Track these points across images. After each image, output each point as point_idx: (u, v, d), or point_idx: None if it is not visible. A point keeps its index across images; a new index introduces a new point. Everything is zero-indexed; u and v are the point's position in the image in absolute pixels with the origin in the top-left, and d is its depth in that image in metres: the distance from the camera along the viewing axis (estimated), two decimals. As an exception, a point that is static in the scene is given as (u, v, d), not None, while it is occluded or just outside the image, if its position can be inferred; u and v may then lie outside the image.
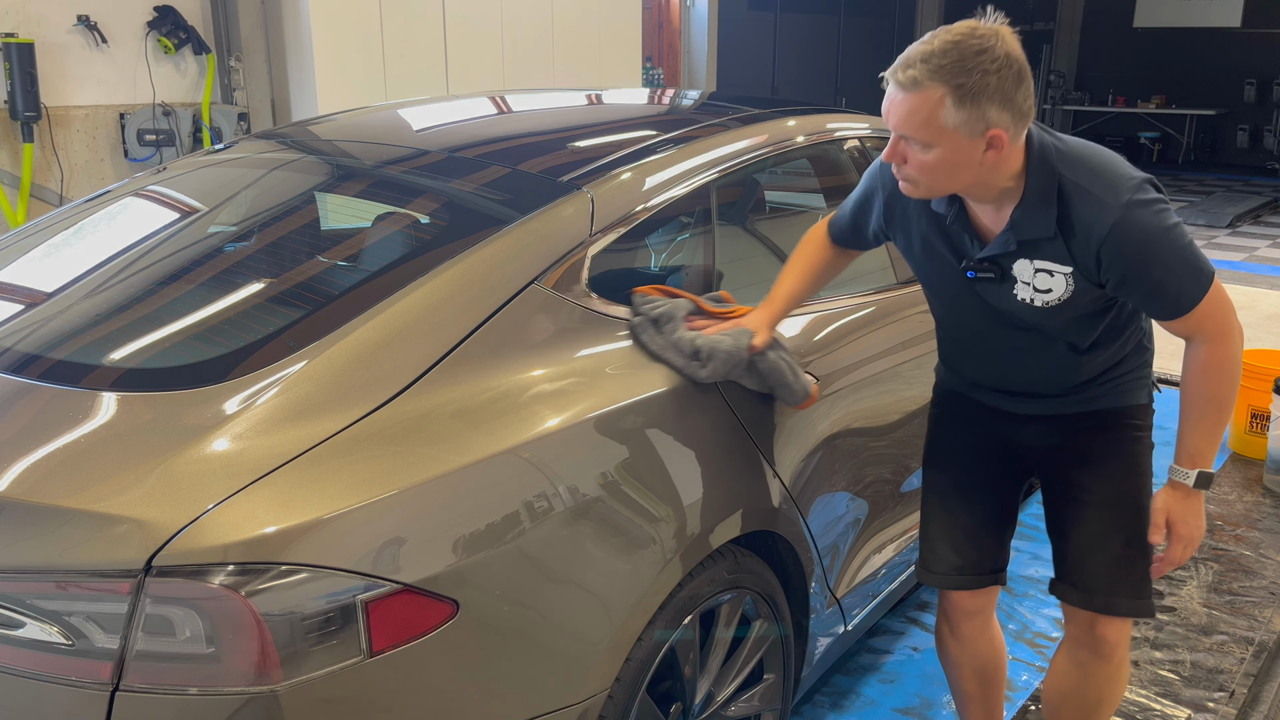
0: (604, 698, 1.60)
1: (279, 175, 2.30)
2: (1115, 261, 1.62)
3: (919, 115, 1.57)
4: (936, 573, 2.03)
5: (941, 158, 1.59)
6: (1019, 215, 1.67)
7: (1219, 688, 2.65)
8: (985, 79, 1.53)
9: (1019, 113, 1.57)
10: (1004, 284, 1.75)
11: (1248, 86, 14.51)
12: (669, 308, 1.86)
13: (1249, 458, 4.15)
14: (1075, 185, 1.64)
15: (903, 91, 1.57)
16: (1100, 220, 1.61)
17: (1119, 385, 1.88)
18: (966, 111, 1.54)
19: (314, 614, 1.29)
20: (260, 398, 1.47)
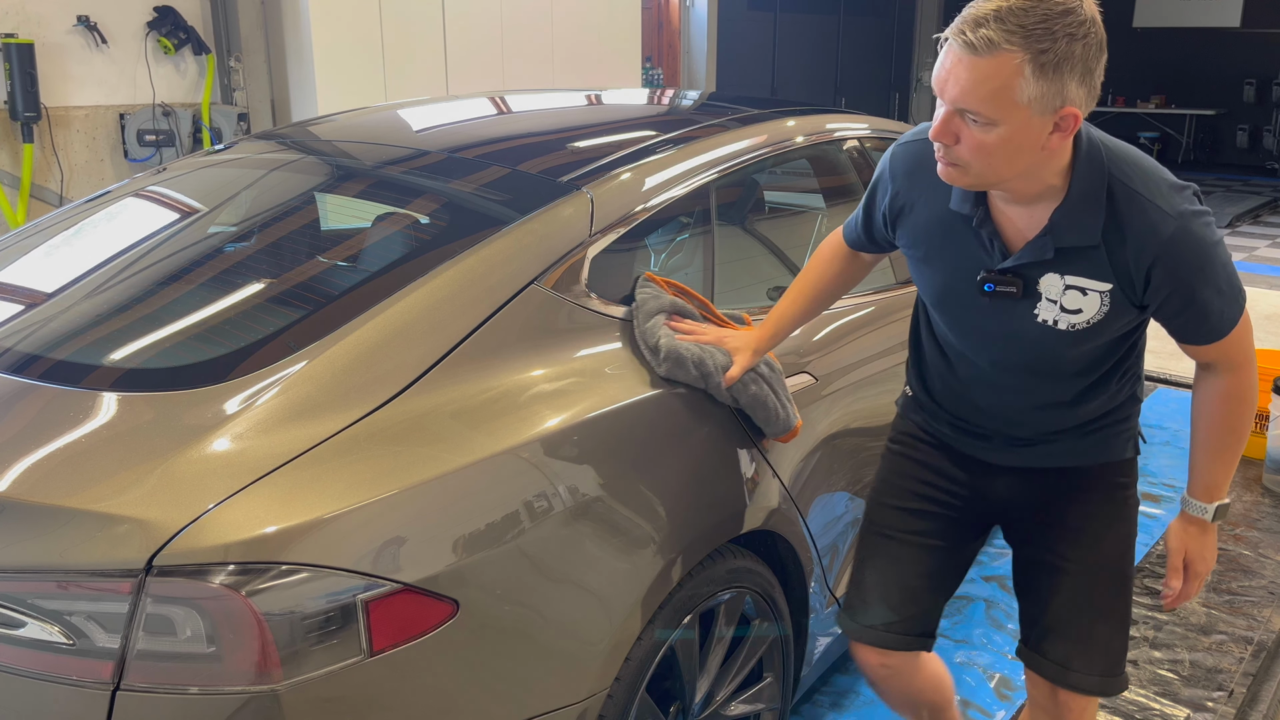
0: (604, 697, 1.60)
1: (279, 176, 2.30)
2: (1167, 279, 1.44)
3: (989, 85, 1.32)
4: (863, 625, 1.80)
5: (1005, 138, 1.36)
6: (1060, 217, 1.45)
7: (1218, 687, 2.65)
8: (1071, 45, 1.31)
9: (1093, 89, 1.37)
10: (1024, 301, 1.52)
11: (1247, 86, 14.51)
12: (655, 302, 1.84)
13: (1248, 457, 4.15)
14: (1126, 188, 1.44)
15: (971, 54, 1.32)
16: (1156, 231, 1.42)
17: (1107, 437, 1.70)
18: (1046, 83, 1.31)
19: (314, 613, 1.29)
20: (260, 398, 1.47)
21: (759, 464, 1.95)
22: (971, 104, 1.35)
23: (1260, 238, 9.33)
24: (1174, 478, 3.97)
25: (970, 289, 1.57)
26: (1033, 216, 1.49)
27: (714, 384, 1.79)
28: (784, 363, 2.08)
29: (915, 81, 14.01)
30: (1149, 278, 1.45)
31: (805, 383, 2.12)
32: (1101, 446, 1.70)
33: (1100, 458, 1.70)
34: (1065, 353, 1.56)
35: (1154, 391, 5.01)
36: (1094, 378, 1.62)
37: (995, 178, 1.43)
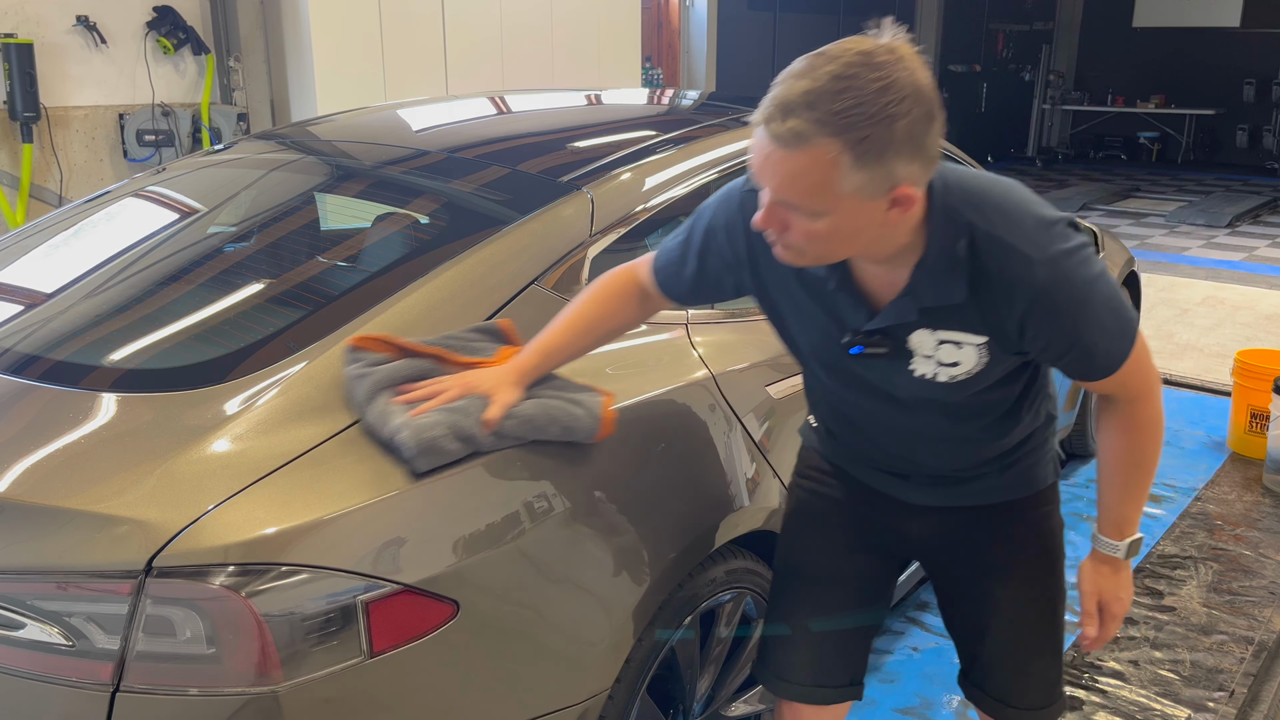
0: (604, 698, 1.60)
1: (278, 176, 2.30)
2: (1044, 328, 1.32)
3: (806, 180, 1.18)
4: (789, 682, 1.70)
5: (835, 226, 1.22)
6: (920, 278, 1.32)
7: (1219, 687, 2.65)
8: (892, 127, 1.15)
9: (929, 159, 1.22)
10: (898, 360, 1.41)
11: (1247, 86, 14.51)
12: (369, 380, 1.47)
13: (1249, 457, 4.16)
14: (989, 235, 1.28)
15: (782, 148, 1.18)
16: (1025, 280, 1.28)
17: (1027, 468, 1.60)
18: (869, 171, 1.17)
19: (314, 614, 1.29)
20: (260, 398, 1.47)
21: (759, 464, 1.95)
22: (791, 198, 1.22)
23: (1260, 238, 9.32)
24: (1174, 478, 3.97)
25: (837, 348, 1.44)
26: (894, 276, 1.35)
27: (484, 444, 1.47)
28: (782, 364, 2.08)
29: (915, 81, 13.98)
30: (1023, 327, 1.32)
31: (806, 383, 2.12)
32: (1023, 479, 1.60)
33: (1022, 491, 1.60)
34: (955, 400, 1.45)
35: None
36: (1000, 412, 1.51)
37: (832, 258, 1.31)
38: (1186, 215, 10.11)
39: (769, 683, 1.74)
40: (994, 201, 1.31)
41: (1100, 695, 2.60)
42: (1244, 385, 4.14)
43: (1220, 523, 3.60)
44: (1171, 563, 3.30)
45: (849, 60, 1.16)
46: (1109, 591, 1.56)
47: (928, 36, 13.79)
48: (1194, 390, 5.03)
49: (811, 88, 1.16)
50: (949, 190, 1.30)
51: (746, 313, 2.13)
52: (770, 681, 1.74)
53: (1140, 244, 8.90)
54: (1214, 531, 3.53)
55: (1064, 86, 15.93)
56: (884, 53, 1.17)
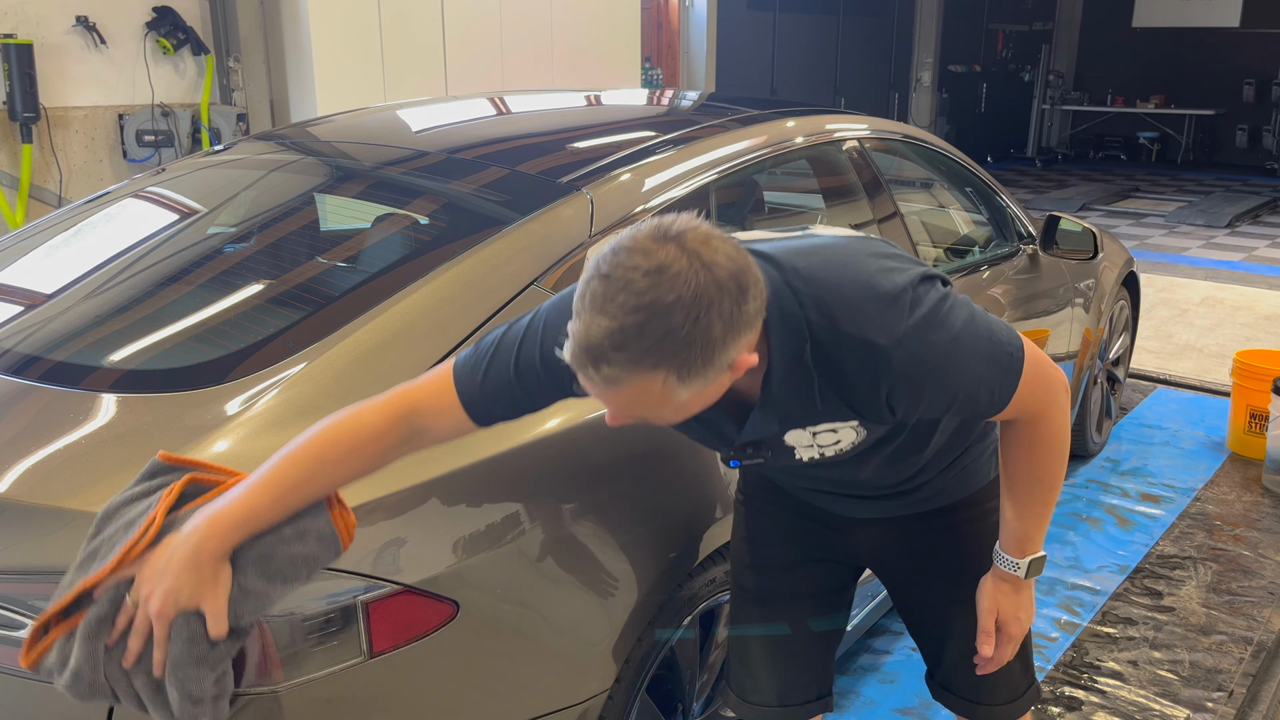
0: (604, 698, 1.60)
1: (278, 176, 2.30)
2: (913, 402, 1.27)
3: (644, 401, 1.12)
4: (755, 704, 1.68)
5: (685, 410, 1.16)
6: (771, 392, 1.26)
7: (1218, 687, 2.65)
8: (709, 334, 1.08)
9: (750, 323, 1.13)
10: (781, 456, 1.37)
11: (1246, 86, 14.52)
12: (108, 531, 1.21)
13: (1248, 458, 4.16)
14: (832, 333, 1.22)
15: (612, 389, 1.11)
16: (878, 367, 1.23)
17: (966, 469, 1.58)
18: (702, 377, 1.11)
19: (314, 615, 1.29)
20: (260, 399, 1.47)
21: (759, 465, 1.95)
22: (638, 414, 1.16)
23: (1259, 238, 9.33)
24: (1174, 478, 3.97)
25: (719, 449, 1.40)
26: (748, 390, 1.28)
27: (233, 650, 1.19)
28: None
29: (915, 82, 14.01)
30: (892, 407, 1.27)
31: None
32: (963, 480, 1.59)
33: (964, 491, 1.59)
34: (862, 459, 1.42)
35: (1153, 391, 5.01)
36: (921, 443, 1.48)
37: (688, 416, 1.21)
38: (1186, 215, 10.11)
39: (734, 705, 1.71)
40: (831, 289, 1.24)
41: (1099, 695, 2.60)
42: (1243, 385, 4.14)
43: (1219, 523, 3.60)
44: (1170, 563, 3.31)
45: (639, 287, 1.06)
46: (1007, 610, 1.51)
47: (928, 36, 13.79)
48: (1193, 390, 5.03)
49: (612, 327, 1.07)
50: (778, 293, 1.22)
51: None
52: (735, 704, 1.71)
53: (1140, 244, 8.90)
54: (1213, 532, 3.53)
55: (1064, 87, 15.94)
56: (668, 256, 1.07)
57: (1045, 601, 3.05)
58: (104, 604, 1.15)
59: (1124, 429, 4.50)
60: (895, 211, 2.74)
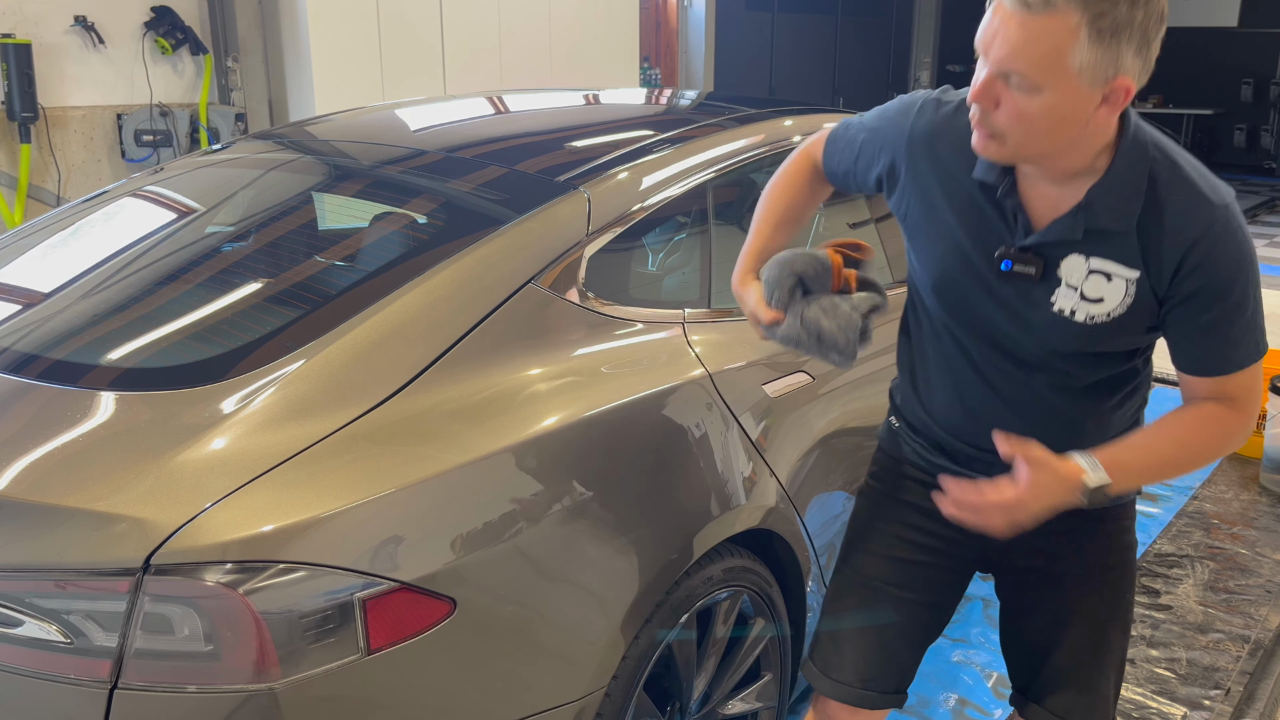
0: (601, 696, 1.61)
1: (276, 175, 2.30)
2: (1199, 269, 1.31)
3: (1040, 46, 1.22)
4: (835, 680, 1.66)
5: (1049, 106, 1.25)
6: (1097, 196, 1.33)
7: (1215, 685, 2.66)
8: (1133, 11, 1.21)
9: (1148, 63, 1.27)
10: (1042, 286, 1.39)
11: (1244, 86, 14.53)
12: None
13: (1246, 456, 4.16)
14: (1171, 172, 1.33)
15: (1025, 12, 1.22)
16: (1199, 215, 1.31)
17: None
18: (1101, 50, 1.21)
19: (312, 612, 1.30)
20: (258, 397, 1.47)
21: (756, 463, 1.95)
22: (1019, 66, 1.24)
23: (1258, 237, 9.34)
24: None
25: (980, 270, 1.43)
26: (1064, 195, 1.36)
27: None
28: (779, 362, 2.08)
29: (913, 81, 14.01)
30: (1180, 264, 1.32)
31: (802, 382, 2.12)
32: None
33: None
34: (1077, 356, 1.42)
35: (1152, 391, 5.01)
36: (1104, 400, 1.49)
37: (1034, 150, 1.31)
38: (1184, 215, 10.11)
39: (813, 677, 1.71)
40: (1179, 149, 1.37)
41: (1097, 693, 2.60)
42: (1241, 384, 4.14)
43: (1217, 521, 3.61)
44: (1168, 561, 3.31)
45: None
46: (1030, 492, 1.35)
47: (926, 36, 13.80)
48: (1191, 389, 5.04)
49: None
50: (1140, 128, 1.36)
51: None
52: (815, 677, 1.70)
53: (1138, 244, 8.91)
54: (1211, 530, 3.54)
55: (1062, 86, 15.92)
56: None
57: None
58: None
59: (1122, 428, 4.50)
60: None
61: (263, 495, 1.34)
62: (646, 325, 1.90)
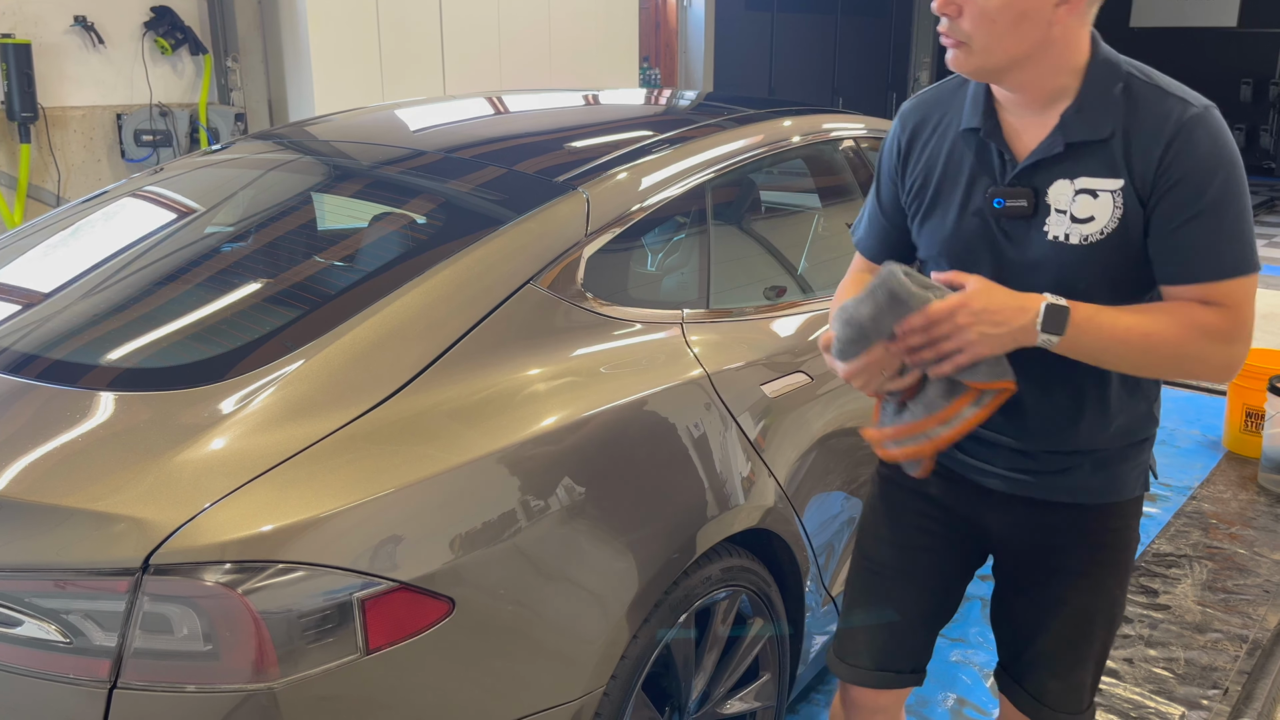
0: (599, 695, 1.61)
1: (276, 176, 2.31)
2: (1175, 165, 1.33)
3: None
4: (851, 665, 1.73)
5: (1007, 3, 1.31)
6: (1072, 112, 1.39)
7: (1213, 685, 2.66)
8: None
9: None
10: (1034, 219, 1.42)
11: (1244, 86, 14.53)
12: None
13: (1244, 456, 4.17)
14: (1145, 83, 1.38)
15: None
16: (1175, 114, 1.34)
17: (1118, 468, 1.54)
18: None
19: (311, 612, 1.30)
20: (257, 397, 1.47)
21: (754, 463, 1.96)
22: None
23: (1258, 237, 9.33)
24: (1170, 477, 3.98)
25: (984, 220, 1.46)
26: (1043, 121, 1.42)
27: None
28: (777, 362, 2.09)
29: (913, 82, 14.01)
30: (1159, 163, 1.34)
31: (801, 382, 2.13)
32: (1113, 483, 1.55)
33: (1110, 496, 1.56)
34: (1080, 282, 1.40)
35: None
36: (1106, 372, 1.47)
37: (1001, 53, 1.35)
38: (1183, 215, 10.11)
39: (833, 665, 1.77)
40: (1155, 71, 1.41)
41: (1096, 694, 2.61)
42: (1240, 384, 4.15)
43: (1215, 521, 3.61)
44: (1166, 561, 3.31)
45: None
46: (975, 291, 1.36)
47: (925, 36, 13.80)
48: (1190, 390, 5.04)
49: None
50: (1111, 52, 1.41)
51: (741, 311, 2.14)
52: (834, 664, 1.76)
53: (1137, 244, 8.91)
54: (1209, 530, 3.54)
55: (1061, 86, 15.94)
56: None
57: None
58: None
59: (1120, 428, 4.51)
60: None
61: (262, 495, 1.34)
62: (645, 325, 1.90)
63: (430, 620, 1.38)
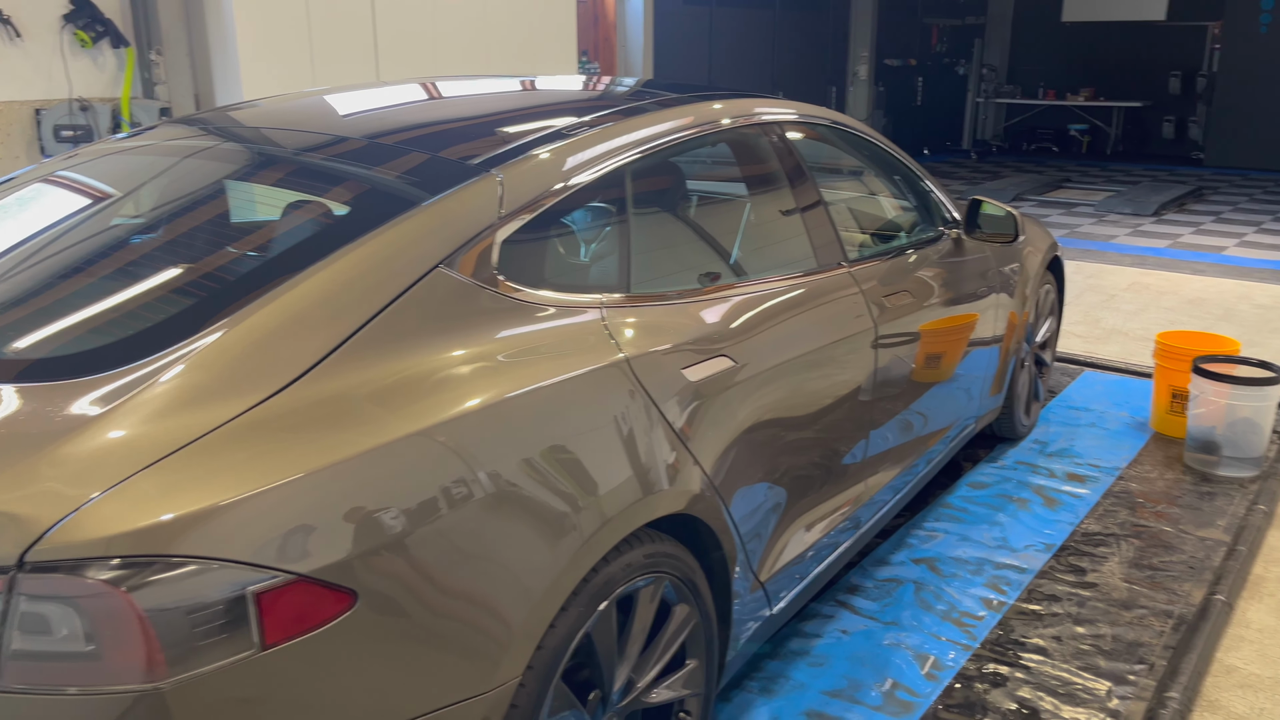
0: (515, 686, 1.57)
1: (190, 162, 2.23)
2: None
3: None
4: None
5: None
6: None
7: (1139, 660, 2.70)
8: None
9: None
10: None
11: (1172, 78, 14.88)
12: None
13: (1170, 436, 4.25)
14: None
15: None
16: None
17: None
18: None
19: (201, 607, 1.24)
20: (149, 386, 1.41)
21: (677, 446, 1.93)
22: None
23: (1185, 225, 9.55)
24: (1099, 458, 4.04)
25: None
26: None
27: None
28: (696, 348, 2.06)
29: (851, 75, 14.12)
30: None
31: (724, 366, 2.11)
32: None
33: None
34: None
35: (1081, 374, 5.10)
36: None
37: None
38: (1114, 205, 10.33)
39: None
40: None
41: (1024, 671, 2.63)
42: (1165, 366, 4.23)
43: (1142, 500, 3.67)
44: (1095, 540, 3.36)
45: None
46: None
47: (863, 30, 13.91)
48: (1119, 373, 5.13)
49: None
50: None
51: (665, 296, 2.11)
52: None
53: (1070, 233, 9.07)
54: (1136, 509, 3.60)
55: (997, 80, 16.20)
56: None
57: (973, 581, 3.08)
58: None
59: (1052, 411, 4.57)
60: (819, 195, 2.74)
61: (150, 487, 1.28)
62: (563, 310, 1.87)
63: (331, 614, 1.34)
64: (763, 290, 2.37)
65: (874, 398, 2.71)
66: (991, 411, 3.82)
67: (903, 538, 3.38)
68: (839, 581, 3.08)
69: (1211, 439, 3.85)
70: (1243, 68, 13.61)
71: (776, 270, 2.49)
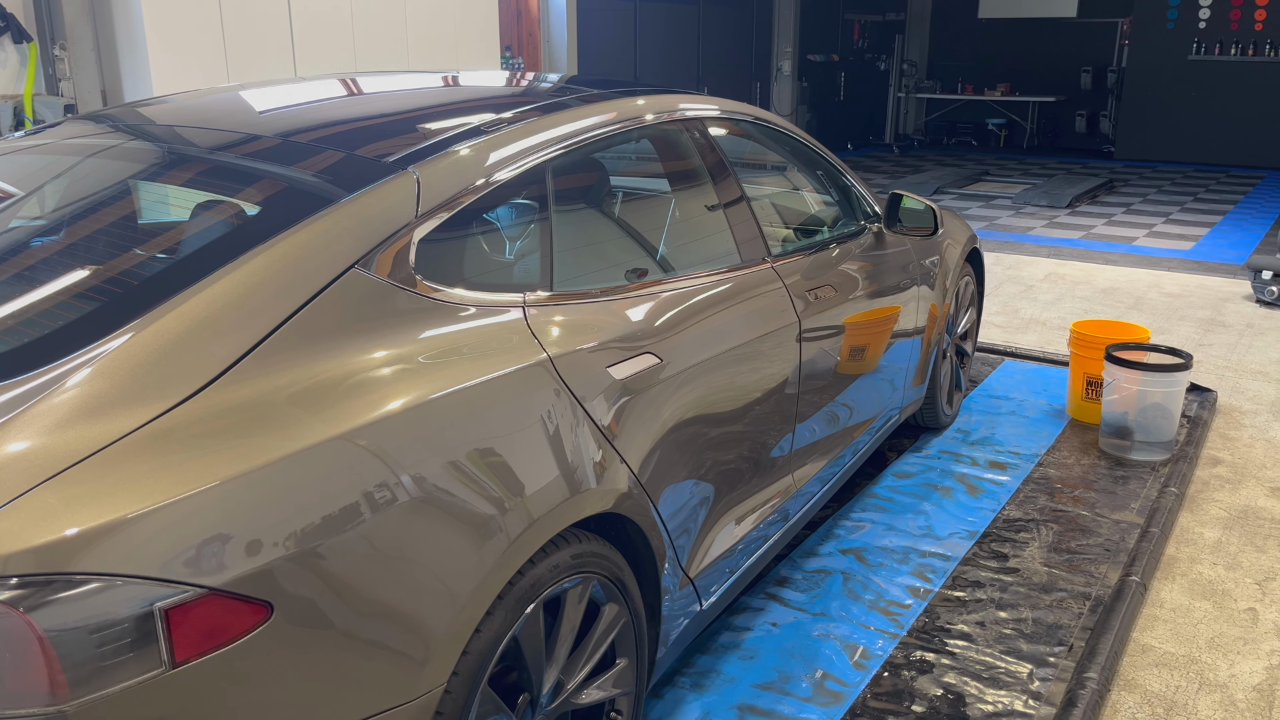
0: (440, 693, 1.54)
1: (96, 161, 2.14)
2: None
3: None
4: None
5: None
6: None
7: (1059, 642, 2.77)
8: None
9: None
10: None
11: (1084, 74, 15.33)
12: None
13: (1085, 423, 4.37)
14: None
15: None
16: None
17: None
18: None
19: (106, 626, 1.19)
20: (47, 396, 1.35)
21: (603, 445, 1.92)
22: None
23: (1098, 216, 9.84)
24: (1019, 446, 4.14)
25: None
26: None
27: None
28: (621, 346, 2.05)
29: (776, 71, 14.25)
30: None
31: (649, 363, 2.10)
32: None
33: None
34: None
35: (1001, 364, 5.22)
36: None
37: None
38: (1031, 197, 10.59)
39: None
40: None
41: (950, 657, 2.68)
42: (1080, 355, 4.35)
43: (1060, 486, 3.77)
44: (1016, 526, 3.44)
45: None
46: None
47: (786, 26, 14.05)
48: (1037, 362, 5.26)
49: None
50: None
51: (590, 294, 2.09)
52: None
53: (989, 225, 9.28)
54: (1054, 494, 3.69)
55: (917, 75, 16.51)
56: None
57: (900, 570, 3.13)
58: None
59: (974, 400, 4.67)
60: (742, 191, 2.75)
61: (49, 502, 1.22)
62: (484, 309, 1.84)
63: (245, 627, 1.29)
64: (687, 286, 2.37)
65: (799, 391, 2.73)
66: (915, 402, 3.89)
67: (830, 529, 3.41)
68: (768, 574, 3.11)
69: (1124, 424, 3.97)
70: (1151, 63, 14.08)
71: (700, 266, 2.49)
